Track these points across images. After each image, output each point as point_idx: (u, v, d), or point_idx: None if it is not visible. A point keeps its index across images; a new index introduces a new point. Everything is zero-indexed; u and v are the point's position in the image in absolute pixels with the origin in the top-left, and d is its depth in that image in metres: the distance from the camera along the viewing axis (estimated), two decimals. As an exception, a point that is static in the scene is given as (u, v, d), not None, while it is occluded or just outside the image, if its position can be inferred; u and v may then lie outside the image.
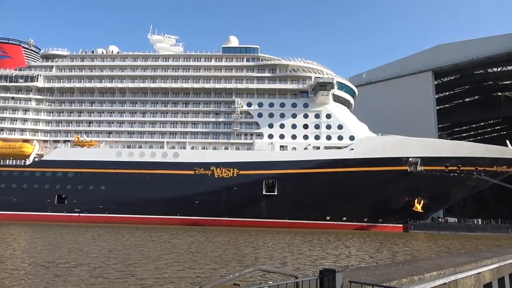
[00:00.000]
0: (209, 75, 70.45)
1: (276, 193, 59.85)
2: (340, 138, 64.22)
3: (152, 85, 69.80)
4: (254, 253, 28.17)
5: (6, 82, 70.75)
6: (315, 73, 68.83)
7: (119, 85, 70.17)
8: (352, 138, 63.64)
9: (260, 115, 66.92)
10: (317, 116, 65.73)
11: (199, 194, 59.65)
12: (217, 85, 69.26)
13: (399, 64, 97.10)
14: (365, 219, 60.13)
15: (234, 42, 73.87)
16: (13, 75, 71.35)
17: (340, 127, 64.85)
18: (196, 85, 69.34)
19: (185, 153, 63.97)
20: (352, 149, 60.86)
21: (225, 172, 60.87)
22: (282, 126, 65.77)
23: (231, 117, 67.24)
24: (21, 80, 70.76)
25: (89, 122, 69.75)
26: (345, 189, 57.72)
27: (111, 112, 70.05)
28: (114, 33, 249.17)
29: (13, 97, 70.62)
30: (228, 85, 69.02)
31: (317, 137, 64.82)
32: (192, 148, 66.24)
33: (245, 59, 71.21)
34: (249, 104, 67.51)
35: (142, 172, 62.02)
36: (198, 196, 59.65)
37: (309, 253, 29.02)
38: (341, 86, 67.63)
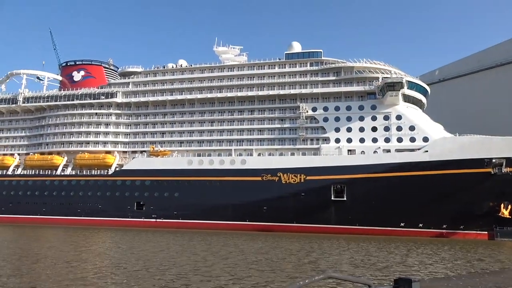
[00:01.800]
0: (273, 82, 71.20)
1: (345, 199, 58.33)
2: (412, 140, 60.96)
3: (219, 95, 72.28)
4: (326, 260, 27.69)
5: (91, 99, 77.94)
6: (382, 73, 66.25)
7: (189, 96, 73.70)
8: (426, 139, 60.07)
9: (325, 119, 65.97)
10: (387, 117, 63.10)
11: (266, 200, 60.17)
12: (282, 92, 69.70)
13: (476, 58, 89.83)
14: (444, 226, 56.06)
15: (297, 48, 73.89)
16: (96, 92, 78.40)
17: (412, 128, 61.58)
18: (260, 93, 70.45)
19: (252, 159, 65.07)
20: (427, 151, 57.36)
21: (292, 178, 60.78)
22: (349, 129, 64.16)
23: (297, 122, 67.13)
24: (103, 97, 77.48)
25: (163, 133, 74.08)
26: (420, 194, 54.45)
27: (182, 123, 73.79)
28: (183, 48, 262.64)
29: (96, 113, 77.56)
30: (293, 91, 69.10)
31: (387, 140, 62.19)
32: (259, 154, 67.19)
33: (308, 64, 70.86)
34: (314, 109, 66.92)
35: (211, 179, 64.23)
36: (266, 202, 60.18)
37: (383, 260, 27.82)
38: (412, 85, 64.30)
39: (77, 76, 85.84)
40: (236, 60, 76.52)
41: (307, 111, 66.64)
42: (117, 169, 72.02)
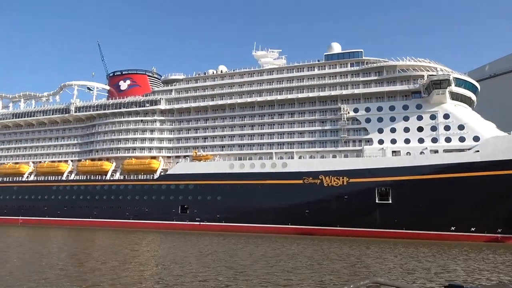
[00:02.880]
0: (312, 84, 70.62)
1: (390, 202, 56.48)
2: (461, 139, 58.06)
3: (259, 98, 72.73)
4: (374, 264, 26.99)
5: (136, 107, 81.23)
6: (428, 71, 63.69)
7: (229, 101, 74.79)
8: (476, 139, 56.98)
9: (368, 120, 64.42)
10: (433, 117, 60.56)
11: (308, 203, 59.61)
12: (322, 93, 68.95)
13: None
14: (499, 230, 52.74)
15: (336, 48, 72.81)
16: (141, 100, 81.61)
17: (461, 127, 58.66)
18: (300, 95, 70.11)
19: (293, 162, 64.79)
20: (478, 151, 54.33)
21: (334, 181, 59.82)
22: (393, 130, 62.21)
23: (338, 124, 66.12)
24: (147, 104, 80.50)
25: (205, 138, 75.67)
26: (471, 196, 51.64)
27: (223, 127, 75.00)
28: (223, 53, 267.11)
29: (141, 120, 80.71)
30: (333, 92, 68.15)
31: (434, 140, 59.65)
32: (300, 157, 66.79)
33: (349, 64, 69.62)
34: (355, 110, 65.59)
35: (253, 183, 64.62)
36: (308, 205, 59.62)
37: (433, 266, 26.68)
38: (459, 82, 61.28)
39: (124, 85, 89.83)
40: (275, 63, 76.72)
41: (348, 112, 65.45)
42: (162, 173, 74.39)
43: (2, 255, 31.09)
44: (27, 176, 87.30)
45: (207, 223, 65.88)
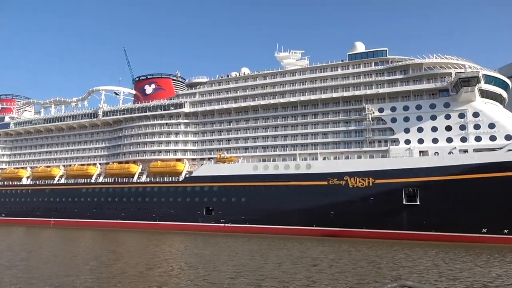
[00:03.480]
0: (336, 84, 69.93)
1: (418, 203, 55.16)
2: (492, 138, 56.12)
3: (282, 100, 72.61)
4: (402, 267, 26.46)
5: (161, 110, 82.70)
6: (455, 68, 61.95)
7: (252, 103, 75.01)
8: (508, 137, 54.96)
9: (393, 120, 63.23)
10: (462, 115, 58.83)
11: (333, 204, 59.00)
12: (345, 93, 68.18)
13: None
14: (535, 232, 50.57)
15: (360, 48, 71.89)
16: (166, 104, 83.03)
17: (491, 126, 56.70)
18: (324, 96, 69.55)
19: (317, 163, 64.31)
20: (510, 150, 52.37)
21: (359, 182, 58.97)
22: (420, 130, 60.80)
23: (363, 124, 65.22)
24: (172, 108, 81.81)
25: (228, 140, 76.18)
26: (504, 197, 49.81)
27: (246, 129, 75.30)
28: (245, 55, 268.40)
29: (166, 123, 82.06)
30: (357, 92, 67.26)
31: (463, 139, 57.92)
32: (324, 158, 66.24)
33: (373, 64, 68.55)
34: (380, 110, 64.51)
35: (277, 184, 64.55)
36: (333, 207, 59.01)
37: (464, 269, 25.89)
38: (489, 79, 59.28)
39: (149, 89, 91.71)
40: (297, 64, 76.47)
41: (373, 112, 64.45)
42: (186, 175, 75.37)
43: (36, 254, 32.29)
44: (58, 179, 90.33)
45: (231, 225, 66.24)
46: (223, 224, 67.29)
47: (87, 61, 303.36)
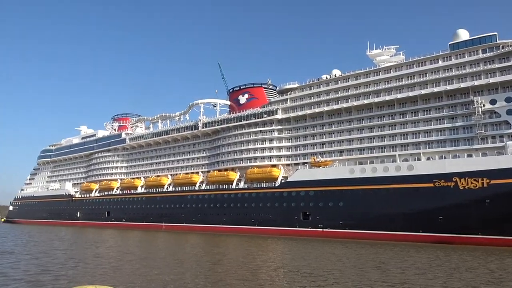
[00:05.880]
0: (437, 77, 64.50)
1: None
2: None
3: (377, 99, 69.42)
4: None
5: (255, 118, 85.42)
6: None
7: (345, 105, 73.06)
8: None
9: (510, 112, 56.04)
10: None
11: (441, 208, 54.21)
12: (449, 87, 62.47)
13: None
14: None
15: (463, 35, 65.19)
16: (259, 112, 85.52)
17: None
18: (424, 91, 64.68)
19: (421, 164, 59.87)
20: None
21: (471, 183, 53.24)
22: (545, 121, 52.82)
23: (471, 119, 59.04)
24: (265, 115, 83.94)
25: (322, 144, 75.27)
26: None
27: (340, 132, 73.59)
28: (336, 57, 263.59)
29: (260, 130, 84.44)
30: (463, 84, 61.13)
31: None
32: (428, 158, 61.41)
33: (480, 51, 61.65)
34: (493, 102, 57.69)
35: (376, 188, 61.69)
36: (441, 211, 54.23)
37: None
38: None
39: (242, 99, 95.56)
40: (392, 60, 72.52)
41: (483, 105, 57.94)
42: (282, 181, 76.39)
43: (156, 255, 35.65)
44: (167, 187, 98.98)
45: (330, 230, 65.07)
46: (321, 229, 66.47)
47: (186, 78, 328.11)
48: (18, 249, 38.41)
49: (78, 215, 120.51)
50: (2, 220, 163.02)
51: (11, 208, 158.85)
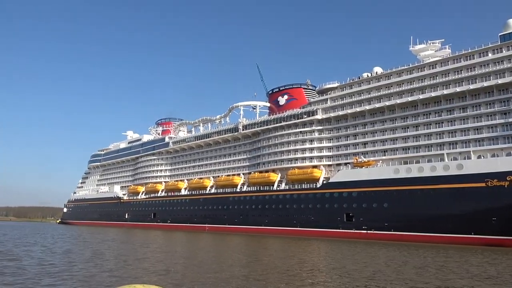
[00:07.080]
0: (487, 71, 61.15)
1: None
2: None
3: (422, 96, 66.91)
4: None
5: (295, 119, 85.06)
6: None
7: (387, 103, 71.01)
8: None
9: None
10: None
11: (495, 209, 51.34)
12: (500, 81, 59.03)
13: None
14: None
15: (515, 25, 61.41)
16: (299, 113, 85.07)
17: None
18: (473, 86, 61.56)
19: (471, 163, 57.02)
20: None
21: (528, 182, 49.98)
22: None
23: (526, 114, 55.41)
24: (305, 116, 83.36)
25: (364, 143, 73.59)
26: None
27: (383, 131, 71.62)
28: (376, 56, 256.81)
29: (300, 131, 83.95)
30: (516, 77, 57.57)
31: None
32: (479, 157, 58.34)
33: (535, 41, 57.77)
34: (551, 95, 53.85)
35: (423, 188, 59.46)
36: (495, 212, 51.34)
37: None
38: None
39: (282, 100, 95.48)
40: (437, 55, 69.54)
41: (540, 99, 54.19)
42: (324, 182, 75.49)
43: (205, 256, 36.54)
44: (209, 189, 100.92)
45: (374, 232, 63.48)
46: (365, 231, 65.01)
47: (226, 81, 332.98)
48: (75, 248, 40.78)
49: (126, 217, 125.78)
50: (57, 221, 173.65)
51: (65, 210, 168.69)
